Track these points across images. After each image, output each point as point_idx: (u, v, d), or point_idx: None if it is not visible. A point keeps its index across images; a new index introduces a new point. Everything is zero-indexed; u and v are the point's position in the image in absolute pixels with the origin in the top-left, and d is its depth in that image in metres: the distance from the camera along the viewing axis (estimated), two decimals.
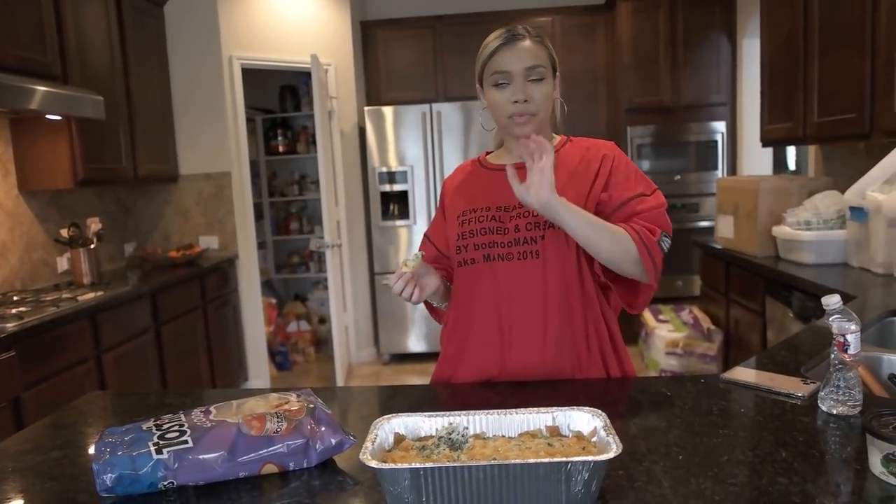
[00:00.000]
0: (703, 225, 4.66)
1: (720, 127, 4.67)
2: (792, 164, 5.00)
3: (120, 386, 2.82)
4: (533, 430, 0.96)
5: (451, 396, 1.37)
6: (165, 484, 0.92)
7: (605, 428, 0.89)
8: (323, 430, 1.00)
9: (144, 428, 0.97)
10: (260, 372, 4.35)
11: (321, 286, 5.47)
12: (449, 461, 0.86)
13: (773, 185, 3.04)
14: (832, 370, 1.10)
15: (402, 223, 4.76)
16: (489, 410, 0.97)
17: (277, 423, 0.98)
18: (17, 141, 3.04)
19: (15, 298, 2.73)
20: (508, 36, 1.34)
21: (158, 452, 0.92)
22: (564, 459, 0.80)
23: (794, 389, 1.20)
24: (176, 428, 0.96)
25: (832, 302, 1.11)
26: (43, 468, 1.05)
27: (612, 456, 0.81)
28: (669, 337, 3.54)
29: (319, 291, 5.43)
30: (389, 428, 0.95)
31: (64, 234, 3.18)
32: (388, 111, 4.66)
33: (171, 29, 4.03)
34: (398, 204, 4.75)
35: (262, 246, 5.52)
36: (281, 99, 5.59)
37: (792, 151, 4.89)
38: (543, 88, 1.34)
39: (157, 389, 3.15)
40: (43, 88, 2.58)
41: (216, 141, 4.12)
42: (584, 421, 0.94)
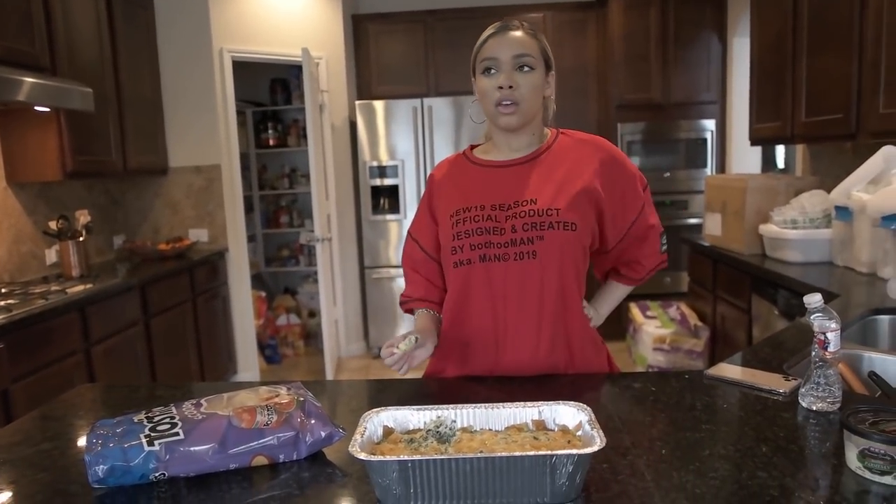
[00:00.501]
0: (691, 222, 4.70)
1: (710, 125, 4.70)
2: (781, 162, 5.03)
3: (109, 379, 2.82)
4: (519, 423, 0.97)
5: (439, 390, 1.38)
6: (157, 475, 0.93)
7: (589, 422, 0.91)
8: (313, 422, 1.01)
9: (136, 420, 0.98)
10: (249, 365, 4.35)
11: (311, 280, 5.47)
12: (436, 454, 0.88)
13: (760, 183, 3.07)
14: (813, 367, 1.13)
15: (392, 217, 4.76)
16: (477, 404, 0.98)
17: (268, 415, 0.99)
18: (5, 133, 3.02)
19: (3, 291, 2.71)
20: (501, 26, 1.35)
21: (150, 444, 0.93)
22: (549, 453, 0.81)
23: (775, 386, 1.22)
24: (167, 420, 0.97)
25: (813, 300, 1.13)
26: (34, 460, 1.05)
27: (596, 449, 0.83)
28: (657, 333, 3.58)
29: (309, 285, 5.43)
30: (378, 421, 0.97)
31: (53, 226, 3.16)
32: (379, 105, 4.66)
33: (161, 20, 4.00)
34: (388, 198, 4.75)
35: (251, 239, 5.51)
36: (272, 92, 5.56)
37: (781, 149, 4.93)
38: (531, 79, 1.33)
39: (146, 382, 3.15)
40: (31, 80, 2.56)
41: (206, 134, 4.10)
42: (569, 415, 0.96)
